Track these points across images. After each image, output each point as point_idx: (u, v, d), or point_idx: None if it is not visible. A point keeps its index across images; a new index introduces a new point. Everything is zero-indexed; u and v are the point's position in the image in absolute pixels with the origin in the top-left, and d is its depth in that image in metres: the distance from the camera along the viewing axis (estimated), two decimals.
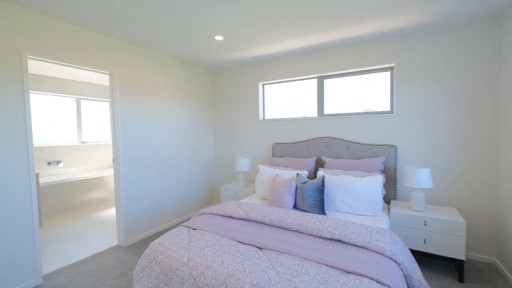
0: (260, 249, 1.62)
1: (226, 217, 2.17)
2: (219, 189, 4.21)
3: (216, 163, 4.23)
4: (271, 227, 1.95)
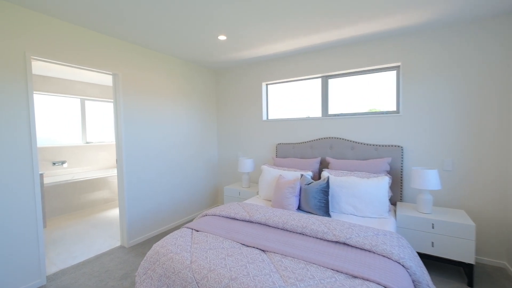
0: (264, 252, 1.59)
1: (229, 219, 2.15)
2: (222, 189, 4.19)
3: (219, 164, 4.21)
4: (275, 229, 1.92)
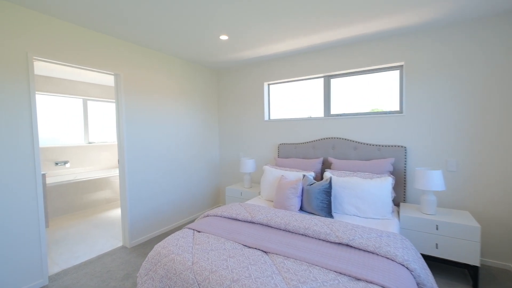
0: (266, 253, 1.57)
1: (231, 219, 2.13)
2: (224, 190, 4.18)
3: (221, 164, 4.20)
4: (277, 230, 1.91)
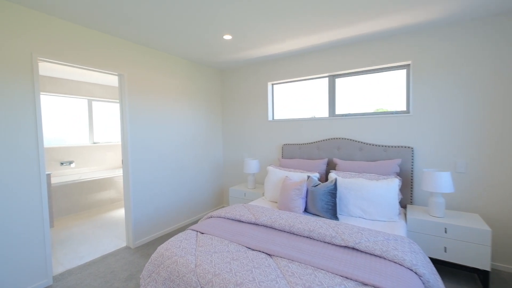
0: (270, 256, 1.55)
1: (234, 221, 2.11)
2: (227, 190, 4.17)
3: (224, 164, 4.18)
4: (281, 232, 1.88)
